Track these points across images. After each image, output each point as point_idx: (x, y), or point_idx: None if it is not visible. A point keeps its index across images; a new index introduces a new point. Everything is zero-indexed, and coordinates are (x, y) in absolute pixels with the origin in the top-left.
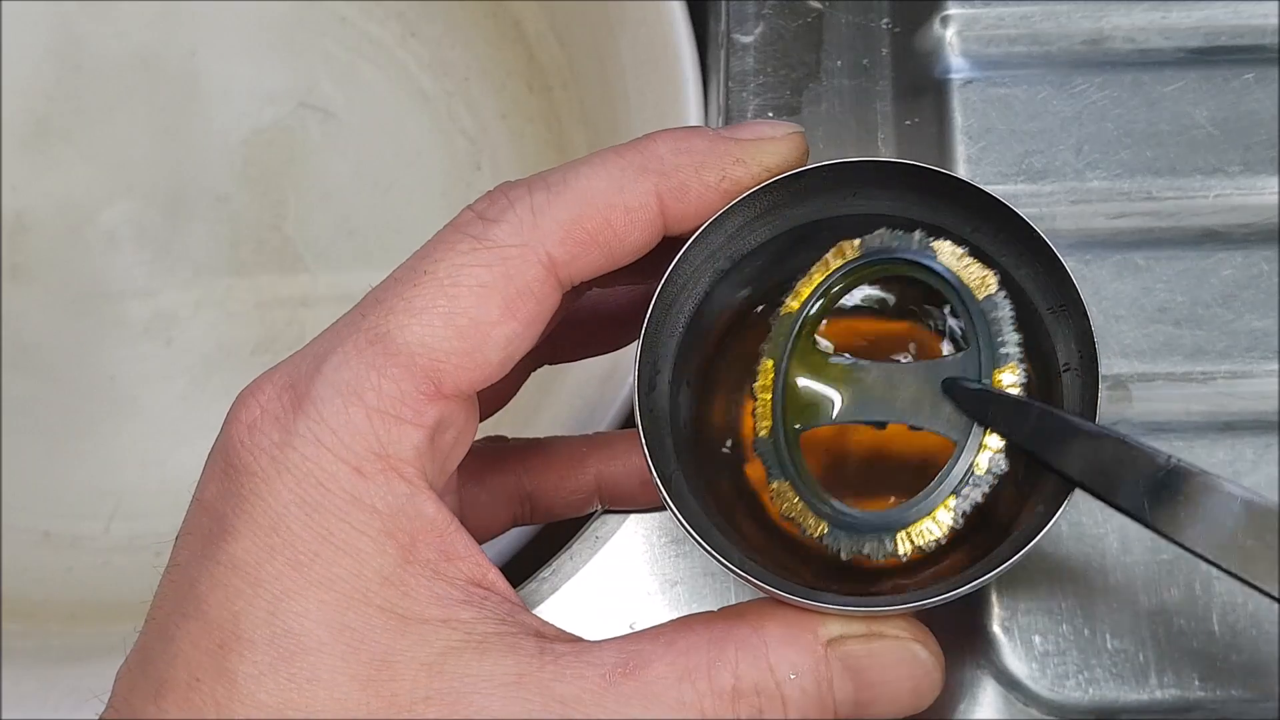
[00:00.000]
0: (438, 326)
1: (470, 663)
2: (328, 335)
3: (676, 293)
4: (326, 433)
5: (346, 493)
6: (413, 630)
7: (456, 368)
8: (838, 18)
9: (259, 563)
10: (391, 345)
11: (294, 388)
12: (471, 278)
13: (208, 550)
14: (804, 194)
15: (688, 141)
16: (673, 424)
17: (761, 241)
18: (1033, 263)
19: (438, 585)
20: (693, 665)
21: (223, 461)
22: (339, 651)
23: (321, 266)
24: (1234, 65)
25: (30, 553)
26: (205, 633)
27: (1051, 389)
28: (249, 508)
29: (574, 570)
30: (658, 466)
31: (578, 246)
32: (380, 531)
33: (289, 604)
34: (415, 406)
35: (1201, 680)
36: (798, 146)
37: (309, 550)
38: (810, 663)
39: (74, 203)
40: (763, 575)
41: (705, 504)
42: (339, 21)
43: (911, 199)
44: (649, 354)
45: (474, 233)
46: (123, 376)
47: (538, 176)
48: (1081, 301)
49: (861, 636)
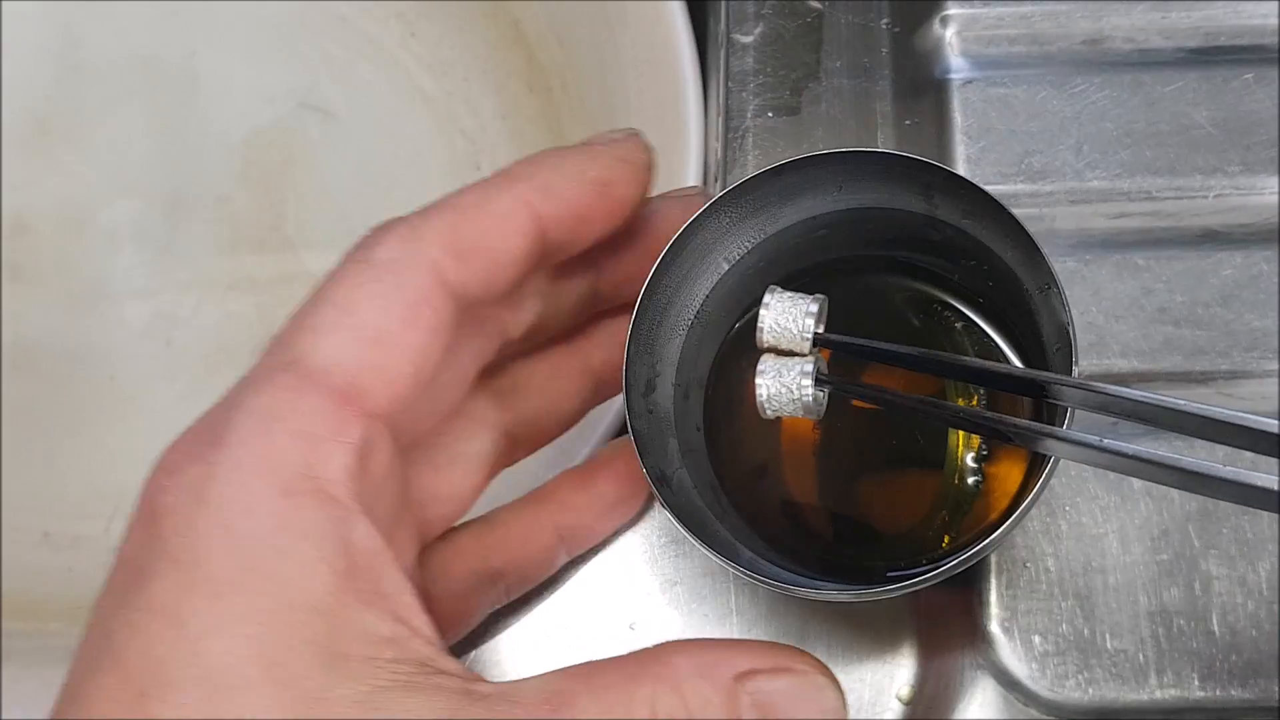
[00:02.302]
0: (345, 343)
1: (401, 700)
2: (238, 382)
3: (671, 296)
4: (249, 457)
5: (273, 518)
6: (340, 667)
7: (371, 381)
8: (838, 18)
9: (178, 601)
10: (303, 368)
11: (211, 428)
12: (367, 293)
13: (124, 600)
14: (789, 192)
15: (541, 154)
16: (678, 424)
17: (756, 242)
18: (1018, 246)
19: (366, 619)
20: (613, 700)
21: (143, 512)
22: (268, 690)
23: (321, 266)
24: (1234, 65)
25: (30, 553)
26: (123, 684)
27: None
28: (168, 547)
29: (574, 570)
30: (651, 466)
31: (460, 253)
32: (310, 557)
33: (213, 641)
34: (337, 424)
35: (1201, 680)
36: (635, 138)
37: (233, 582)
38: (721, 697)
39: (74, 203)
40: (759, 568)
41: (720, 502)
42: (339, 21)
43: (898, 190)
44: (643, 357)
45: (358, 257)
46: (123, 376)
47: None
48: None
49: (769, 671)
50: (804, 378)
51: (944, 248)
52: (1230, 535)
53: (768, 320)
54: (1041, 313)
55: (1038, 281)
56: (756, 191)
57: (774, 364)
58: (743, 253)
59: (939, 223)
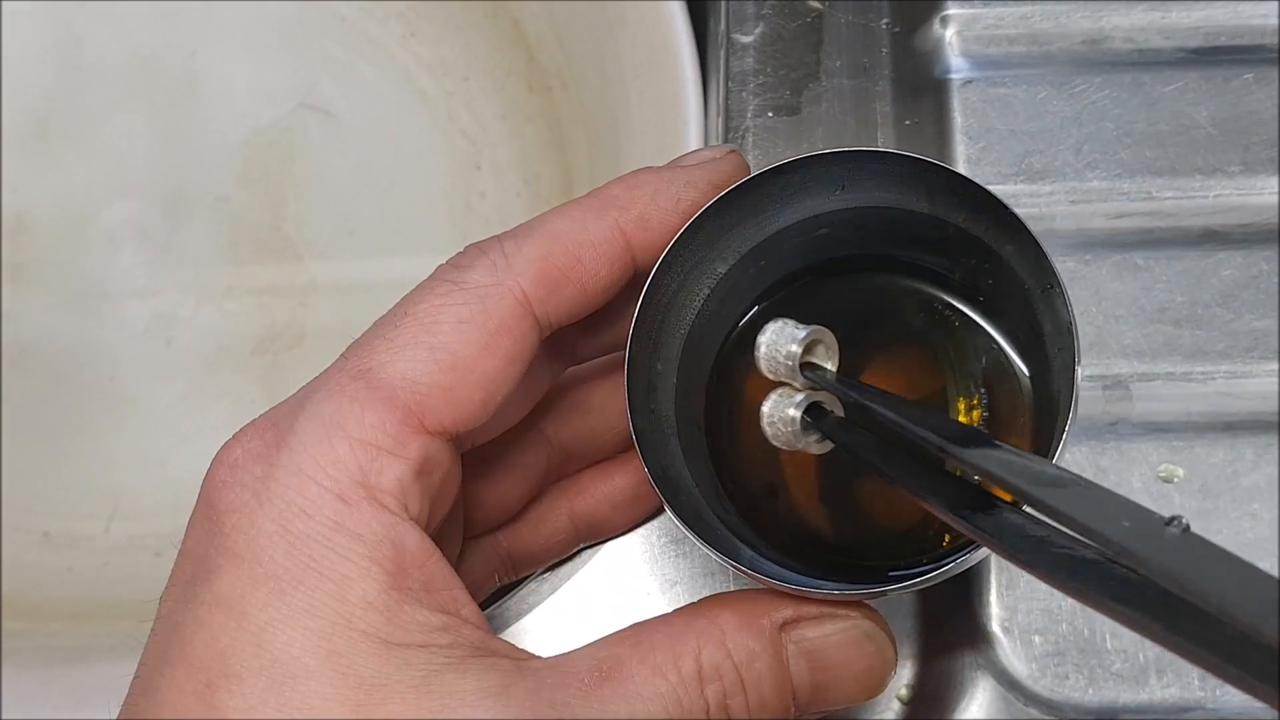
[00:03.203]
0: (420, 361)
1: (455, 681)
2: (313, 380)
3: (673, 295)
4: (309, 462)
5: (330, 520)
6: (397, 654)
7: (439, 403)
8: (838, 18)
9: (243, 595)
10: (374, 380)
11: (276, 426)
12: (451, 315)
13: (190, 594)
14: (790, 191)
15: (638, 178)
16: (680, 424)
17: (758, 241)
18: (1021, 245)
19: (418, 612)
20: (660, 660)
21: (204, 506)
22: (328, 678)
23: (321, 266)
24: (1234, 65)
25: (30, 553)
26: (190, 675)
27: (1049, 370)
28: (231, 544)
29: (574, 571)
30: (653, 464)
31: (551, 283)
32: (364, 557)
33: (275, 633)
34: (397, 438)
35: (1201, 680)
36: (736, 162)
37: (293, 578)
38: (765, 645)
39: (74, 203)
40: (757, 564)
41: (721, 502)
42: (339, 21)
43: (900, 190)
44: (646, 357)
45: (450, 278)
46: (123, 376)
47: (505, 231)
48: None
49: (814, 619)
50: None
51: (945, 247)
52: (1230, 535)
53: (761, 349)
54: (1043, 312)
55: (1040, 281)
56: (757, 191)
57: (774, 399)
58: (744, 252)
59: (941, 222)
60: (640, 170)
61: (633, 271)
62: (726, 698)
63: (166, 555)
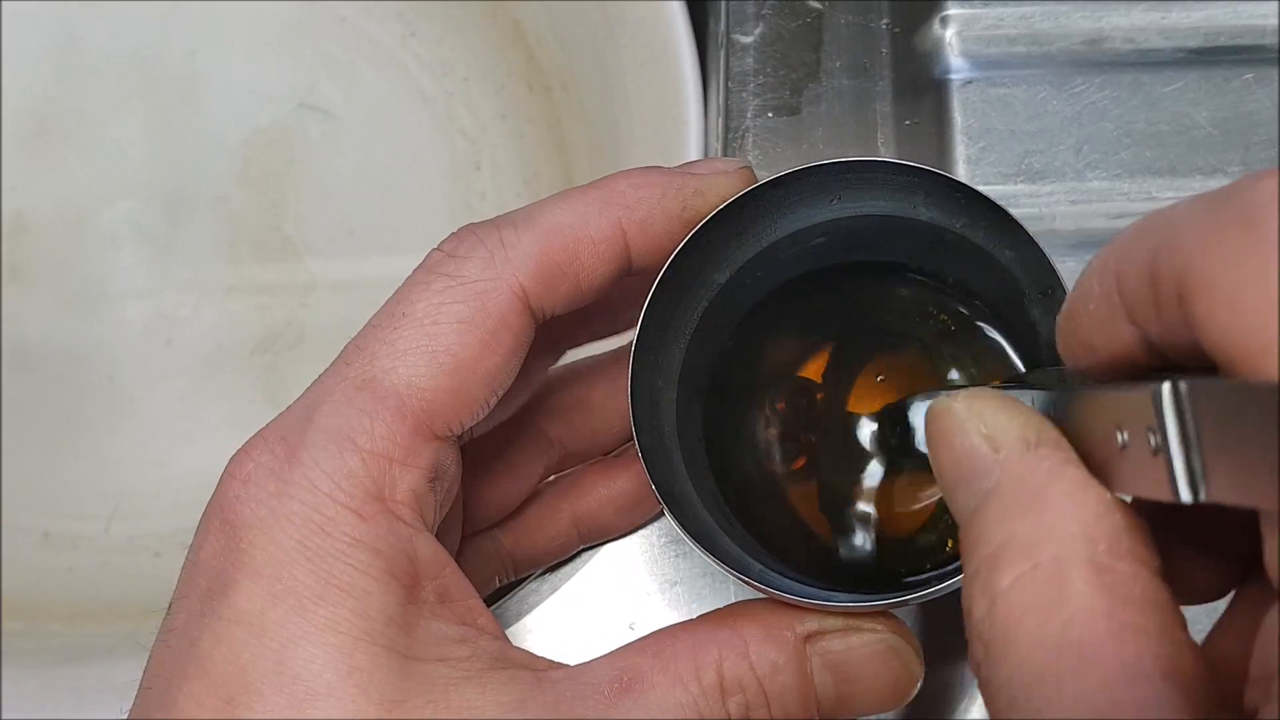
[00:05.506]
0: (423, 366)
1: (474, 695)
2: (314, 388)
3: (671, 310)
4: (323, 478)
5: (348, 536)
6: (416, 669)
7: (445, 406)
8: (837, 18)
9: (263, 611)
10: (380, 389)
11: (286, 440)
12: (450, 315)
13: (207, 607)
14: (787, 202)
15: (647, 177)
16: (681, 437)
17: (755, 251)
18: (1020, 250)
19: (435, 625)
20: (682, 670)
21: (219, 519)
22: (350, 695)
23: (321, 266)
24: (1234, 65)
25: (30, 553)
26: (210, 690)
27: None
28: (249, 559)
29: (574, 571)
30: (659, 480)
31: (548, 279)
32: (384, 572)
33: (296, 650)
34: (408, 448)
35: None
36: (748, 179)
37: (314, 594)
38: (789, 657)
39: (74, 203)
40: (766, 578)
41: (724, 513)
42: (339, 21)
43: (896, 197)
44: (648, 373)
45: (446, 271)
46: (122, 376)
47: (503, 216)
48: (1062, 283)
49: (839, 632)
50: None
51: (943, 252)
52: None
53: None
54: (1040, 317)
55: (1040, 285)
56: (754, 203)
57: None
58: (743, 262)
59: (938, 228)
60: (650, 169)
61: (628, 269)
62: (749, 710)
63: (166, 555)
